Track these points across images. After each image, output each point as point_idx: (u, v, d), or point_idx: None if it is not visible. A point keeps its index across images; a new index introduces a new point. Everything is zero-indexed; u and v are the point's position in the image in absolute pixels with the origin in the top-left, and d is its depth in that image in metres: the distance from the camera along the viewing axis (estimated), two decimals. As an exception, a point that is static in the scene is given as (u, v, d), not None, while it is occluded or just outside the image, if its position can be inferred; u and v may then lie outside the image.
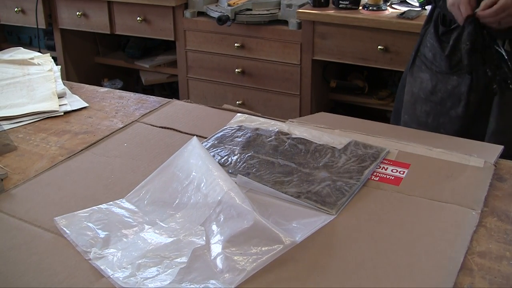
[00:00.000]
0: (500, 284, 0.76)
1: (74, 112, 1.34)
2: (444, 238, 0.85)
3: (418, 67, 1.50)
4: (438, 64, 1.44)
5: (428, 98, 1.47)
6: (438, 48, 1.43)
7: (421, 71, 1.49)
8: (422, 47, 1.49)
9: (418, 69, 1.50)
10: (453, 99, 1.42)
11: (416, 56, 1.51)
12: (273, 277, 0.78)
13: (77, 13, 2.90)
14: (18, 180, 1.04)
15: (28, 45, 3.23)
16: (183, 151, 1.03)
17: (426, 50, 1.47)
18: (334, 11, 2.34)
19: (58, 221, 0.90)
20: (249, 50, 2.57)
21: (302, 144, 1.12)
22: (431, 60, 1.45)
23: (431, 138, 1.19)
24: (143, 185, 0.99)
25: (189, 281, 0.77)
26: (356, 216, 0.91)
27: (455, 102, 1.42)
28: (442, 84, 1.44)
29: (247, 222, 0.83)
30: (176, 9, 2.67)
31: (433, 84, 1.46)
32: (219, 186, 0.90)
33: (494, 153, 1.08)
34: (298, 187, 0.98)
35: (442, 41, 1.43)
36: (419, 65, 1.50)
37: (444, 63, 1.42)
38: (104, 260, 0.82)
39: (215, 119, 1.26)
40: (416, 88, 1.50)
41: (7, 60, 1.62)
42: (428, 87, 1.47)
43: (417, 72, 1.50)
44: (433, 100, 1.46)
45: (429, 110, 1.48)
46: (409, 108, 1.53)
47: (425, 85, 1.48)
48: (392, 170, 1.04)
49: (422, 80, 1.48)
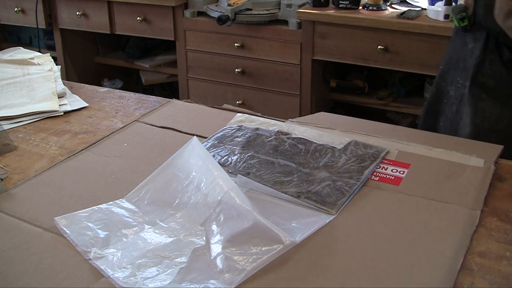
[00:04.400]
0: (500, 284, 0.76)
1: (74, 112, 1.34)
2: (444, 238, 0.85)
3: (477, 96, 1.43)
4: (502, 90, 1.39)
5: (493, 127, 1.41)
6: (505, 74, 1.37)
7: (481, 99, 1.42)
8: (480, 76, 1.42)
9: (477, 98, 1.43)
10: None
11: (472, 86, 1.43)
12: (273, 277, 0.78)
13: (77, 13, 2.90)
14: (18, 180, 1.04)
15: (28, 45, 3.24)
16: (183, 151, 1.03)
17: (486, 79, 1.41)
18: (334, 11, 2.34)
19: (58, 221, 0.90)
20: (249, 50, 2.57)
21: (302, 144, 1.12)
22: (493, 87, 1.40)
23: (431, 138, 1.19)
24: (143, 185, 0.99)
25: (189, 281, 0.77)
26: (356, 216, 0.91)
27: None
28: (507, 110, 1.39)
29: (247, 222, 0.83)
30: (176, 9, 2.67)
31: (497, 111, 1.40)
32: (219, 186, 0.90)
33: (494, 153, 1.08)
34: (298, 187, 0.98)
35: (509, 68, 1.37)
36: (477, 94, 1.43)
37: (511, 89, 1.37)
38: (104, 260, 0.82)
39: (215, 119, 1.26)
40: (478, 119, 1.43)
41: (7, 60, 1.62)
42: (493, 115, 1.41)
43: (476, 102, 1.43)
44: (498, 128, 1.40)
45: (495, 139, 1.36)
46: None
47: (489, 114, 1.41)
48: (392, 170, 1.04)
49: (485, 109, 1.42)
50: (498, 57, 1.39)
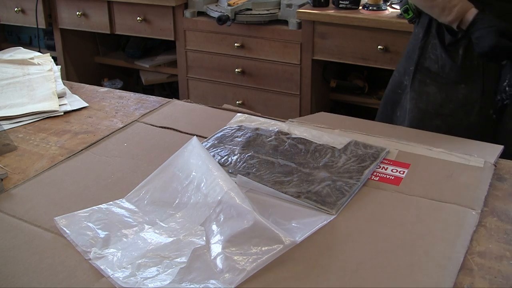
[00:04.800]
0: (500, 284, 0.76)
1: (74, 112, 1.34)
2: (444, 238, 0.85)
3: (422, 81, 1.46)
4: (446, 75, 1.40)
5: (438, 111, 1.43)
6: (447, 58, 1.39)
7: (426, 85, 1.44)
8: (424, 61, 1.45)
9: (422, 83, 1.45)
10: (466, 108, 1.39)
11: (416, 71, 1.46)
12: (273, 277, 0.78)
13: (77, 13, 2.90)
14: (18, 180, 1.05)
15: (28, 45, 3.23)
16: (183, 151, 1.03)
17: (430, 63, 1.43)
18: (334, 11, 2.34)
19: (58, 221, 0.90)
20: (249, 50, 2.57)
21: (302, 144, 1.12)
22: (438, 72, 1.42)
23: (431, 138, 1.19)
24: (143, 185, 0.99)
25: (189, 281, 0.77)
26: (356, 216, 0.91)
27: (467, 111, 1.39)
28: (453, 95, 1.40)
29: (247, 222, 0.83)
30: (176, 9, 2.67)
31: (442, 96, 1.42)
32: (219, 186, 0.90)
33: (494, 153, 1.08)
34: (298, 187, 0.98)
35: (450, 51, 1.39)
36: (422, 79, 1.45)
37: (455, 73, 1.38)
38: (104, 260, 0.82)
39: (215, 119, 1.26)
40: (423, 103, 1.45)
41: (7, 60, 1.62)
42: (437, 100, 1.42)
43: (421, 87, 1.46)
44: (443, 113, 1.42)
45: (440, 123, 1.43)
46: (416, 126, 1.46)
47: (433, 98, 1.43)
48: (392, 170, 1.04)
49: (429, 94, 1.44)
50: (439, 41, 1.41)
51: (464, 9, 1.31)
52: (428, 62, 1.44)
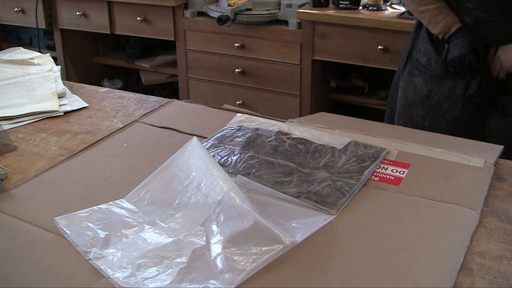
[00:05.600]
0: (500, 284, 0.76)
1: (74, 112, 1.34)
2: (444, 238, 0.85)
3: (411, 72, 1.51)
4: (433, 68, 1.45)
5: (424, 102, 1.48)
6: (433, 52, 1.44)
7: (414, 76, 1.50)
8: (414, 52, 1.50)
9: (411, 74, 1.51)
10: (450, 102, 1.44)
11: (407, 61, 1.52)
12: (273, 277, 0.78)
13: (77, 13, 2.90)
14: (18, 180, 1.04)
15: (28, 45, 3.23)
16: (183, 151, 1.03)
17: (419, 55, 1.49)
18: (334, 11, 2.34)
19: (58, 221, 0.90)
20: (249, 50, 2.57)
21: (302, 144, 1.12)
22: (425, 64, 1.47)
23: (431, 138, 1.19)
24: (143, 185, 0.99)
25: (189, 281, 0.77)
26: (356, 216, 0.91)
27: (451, 105, 1.44)
28: (438, 88, 1.45)
29: (247, 222, 0.83)
30: (176, 9, 2.67)
31: (428, 88, 1.47)
32: (219, 186, 0.90)
33: (494, 153, 1.08)
34: (298, 187, 0.98)
35: (437, 45, 1.44)
36: (411, 70, 1.51)
37: (440, 67, 1.43)
38: (104, 260, 0.82)
39: (215, 119, 1.26)
40: (410, 93, 1.51)
41: (7, 60, 1.62)
42: (423, 91, 1.48)
43: (409, 77, 1.51)
44: (428, 104, 1.47)
45: (425, 113, 1.49)
46: (404, 113, 1.54)
47: (420, 89, 1.49)
48: (392, 170, 1.04)
49: (416, 85, 1.49)
50: (428, 35, 1.46)
51: (447, 26, 1.39)
52: (417, 54, 1.50)
